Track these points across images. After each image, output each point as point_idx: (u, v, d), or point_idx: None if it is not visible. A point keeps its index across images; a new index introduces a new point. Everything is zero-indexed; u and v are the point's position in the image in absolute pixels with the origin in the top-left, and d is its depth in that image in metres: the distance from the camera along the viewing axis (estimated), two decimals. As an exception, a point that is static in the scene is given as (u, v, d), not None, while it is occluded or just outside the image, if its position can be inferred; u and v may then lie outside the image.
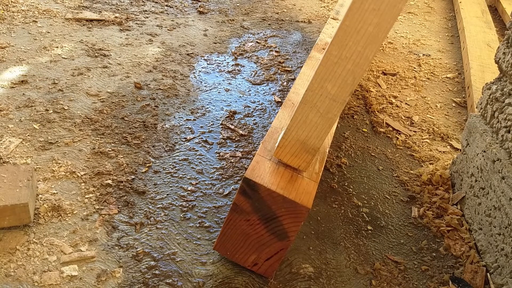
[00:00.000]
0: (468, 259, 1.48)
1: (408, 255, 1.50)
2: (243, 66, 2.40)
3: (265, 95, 2.19)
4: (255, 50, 2.58)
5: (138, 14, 2.71)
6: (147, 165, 1.64)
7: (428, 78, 2.64)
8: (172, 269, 1.29)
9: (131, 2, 2.84)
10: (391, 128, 2.12)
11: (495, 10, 3.77)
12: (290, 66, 2.49)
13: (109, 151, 1.66)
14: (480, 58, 2.68)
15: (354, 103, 2.27)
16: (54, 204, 1.40)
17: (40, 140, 1.65)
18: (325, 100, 1.09)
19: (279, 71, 2.42)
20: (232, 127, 1.93)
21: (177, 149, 1.75)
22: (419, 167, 1.90)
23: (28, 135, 1.66)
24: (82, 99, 1.91)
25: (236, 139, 1.86)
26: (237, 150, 1.80)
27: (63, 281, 1.20)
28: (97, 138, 1.71)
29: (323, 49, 1.90)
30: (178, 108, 1.98)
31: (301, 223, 1.17)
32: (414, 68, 2.72)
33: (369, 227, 1.58)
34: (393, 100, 2.33)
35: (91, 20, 2.53)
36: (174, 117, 1.92)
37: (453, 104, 2.42)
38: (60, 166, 1.55)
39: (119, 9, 2.72)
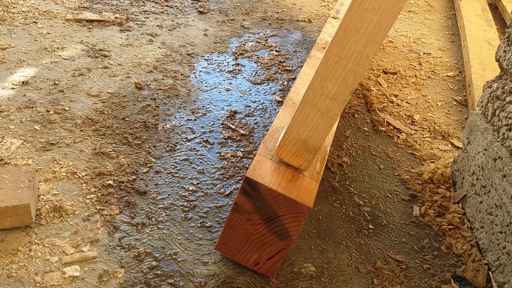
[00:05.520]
0: (470, 257, 1.48)
1: (409, 253, 1.50)
2: (244, 66, 2.40)
3: (265, 95, 2.19)
4: (255, 50, 2.58)
5: (138, 14, 2.72)
6: (148, 165, 1.64)
7: (429, 77, 2.63)
8: (174, 269, 1.30)
9: (131, 3, 2.84)
10: (392, 127, 2.12)
11: (495, 8, 3.76)
12: (290, 65, 2.49)
13: (110, 151, 1.66)
14: (480, 56, 2.68)
15: (355, 102, 2.27)
16: (56, 205, 1.40)
17: (41, 141, 1.65)
18: (325, 99, 1.09)
19: (279, 71, 2.42)
20: (233, 126, 1.93)
21: (178, 149, 1.75)
22: (420, 165, 1.90)
23: (29, 136, 1.66)
24: (82, 99, 1.91)
25: (237, 139, 1.86)
26: (238, 150, 1.80)
27: (65, 281, 1.21)
28: (98, 138, 1.71)
29: (324, 48, 1.90)
30: (179, 108, 1.98)
31: (302, 223, 1.17)
32: (415, 66, 2.72)
33: (370, 226, 1.58)
34: (394, 99, 2.33)
35: (92, 21, 2.53)
36: (175, 117, 1.92)
37: (454, 103, 2.42)
38: (61, 167, 1.56)
39: (119, 10, 2.72)
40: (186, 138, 1.81)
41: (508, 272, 1.33)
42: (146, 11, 2.78)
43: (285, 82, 2.32)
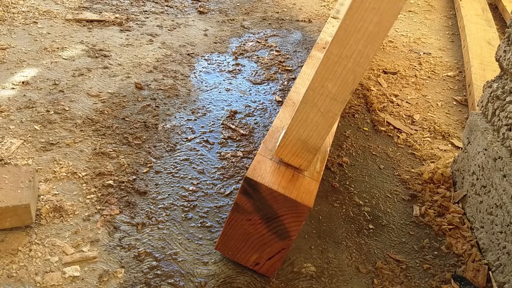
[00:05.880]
0: (470, 257, 1.48)
1: (409, 253, 1.50)
2: (244, 66, 2.40)
3: (265, 95, 2.19)
4: (255, 50, 2.58)
5: (138, 14, 2.72)
6: (148, 165, 1.64)
7: (429, 77, 2.63)
8: (174, 269, 1.30)
9: (131, 3, 2.84)
10: (392, 127, 2.12)
11: (495, 8, 3.76)
12: (290, 65, 2.49)
13: (110, 151, 1.66)
14: (480, 56, 2.68)
15: (355, 102, 2.27)
16: (56, 205, 1.40)
17: (41, 141, 1.65)
18: (326, 99, 1.09)
19: (279, 71, 2.42)
20: (233, 126, 1.93)
21: (178, 149, 1.75)
22: (420, 165, 1.90)
23: (29, 136, 1.66)
24: (83, 99, 1.91)
25: (237, 139, 1.86)
26: (238, 150, 1.80)
27: (65, 281, 1.21)
28: (98, 138, 1.71)
29: (324, 48, 1.90)
30: (179, 108, 1.98)
31: (303, 222, 1.17)
32: (415, 66, 2.71)
33: (370, 226, 1.58)
34: (394, 99, 2.33)
35: (92, 21, 2.53)
36: (175, 117, 1.92)
37: (454, 102, 2.42)
38: (62, 167, 1.56)
39: (119, 10, 2.72)
40: (186, 138, 1.81)
41: (508, 272, 1.33)
42: (146, 11, 2.78)
43: (285, 82, 2.32)
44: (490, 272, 1.42)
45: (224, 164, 1.72)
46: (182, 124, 1.89)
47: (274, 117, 2.03)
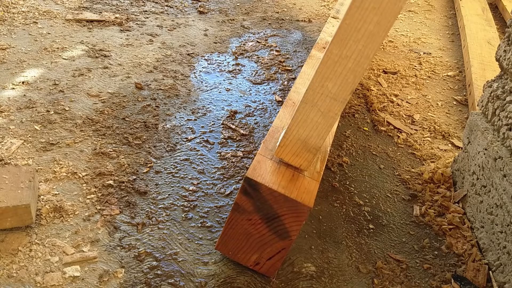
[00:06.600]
0: (470, 257, 1.48)
1: (410, 253, 1.50)
2: (244, 66, 2.40)
3: (266, 95, 2.19)
4: (255, 50, 2.58)
5: (138, 14, 2.72)
6: (149, 165, 1.64)
7: (429, 76, 2.63)
8: (174, 269, 1.30)
9: (131, 3, 2.84)
10: (392, 127, 2.12)
11: (495, 8, 3.76)
12: (290, 65, 2.49)
13: (110, 151, 1.66)
14: (480, 56, 2.68)
15: (355, 102, 2.27)
16: (56, 205, 1.40)
17: (41, 141, 1.65)
18: (326, 99, 1.09)
19: (279, 71, 2.42)
20: (233, 126, 1.93)
21: (178, 149, 1.75)
22: (421, 165, 1.90)
23: (30, 136, 1.66)
24: (83, 99, 1.91)
25: (237, 139, 1.86)
26: (238, 150, 1.80)
27: (65, 281, 1.21)
28: (98, 138, 1.71)
29: (324, 48, 1.90)
30: (179, 108, 1.98)
31: (303, 222, 1.17)
32: (415, 66, 2.71)
33: (370, 226, 1.58)
34: (394, 99, 2.33)
35: (92, 21, 2.53)
36: (175, 117, 1.92)
37: (454, 102, 2.42)
38: (62, 167, 1.56)
39: (119, 10, 2.72)
40: (186, 138, 1.81)
41: (509, 271, 1.33)
42: (146, 11, 2.78)
43: (285, 82, 2.32)
44: (490, 272, 1.42)
45: (224, 164, 1.72)
46: (182, 124, 1.89)
47: (274, 117, 2.04)
